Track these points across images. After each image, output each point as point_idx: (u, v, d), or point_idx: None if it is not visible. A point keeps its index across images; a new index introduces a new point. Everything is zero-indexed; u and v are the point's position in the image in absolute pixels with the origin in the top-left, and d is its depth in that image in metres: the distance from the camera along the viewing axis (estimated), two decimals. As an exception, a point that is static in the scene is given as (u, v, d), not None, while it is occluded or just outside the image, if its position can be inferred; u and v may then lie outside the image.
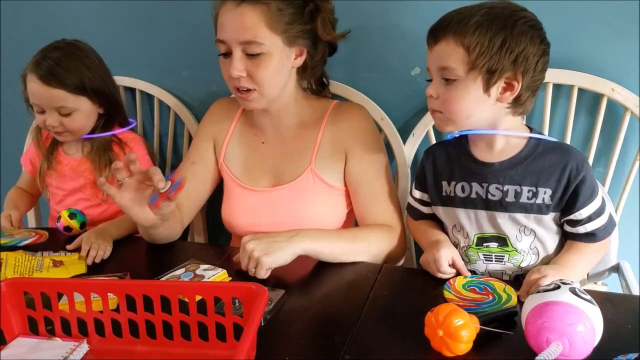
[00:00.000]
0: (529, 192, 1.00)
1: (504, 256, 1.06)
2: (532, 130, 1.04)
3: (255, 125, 1.26)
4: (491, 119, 0.99)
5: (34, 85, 1.29)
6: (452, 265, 1.03)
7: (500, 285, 0.96)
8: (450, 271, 1.02)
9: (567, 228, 1.02)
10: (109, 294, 0.83)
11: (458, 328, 0.76)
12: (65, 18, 1.63)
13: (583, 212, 0.99)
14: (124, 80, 1.60)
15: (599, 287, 1.25)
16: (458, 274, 1.02)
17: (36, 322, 0.84)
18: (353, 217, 1.27)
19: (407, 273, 1.14)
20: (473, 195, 1.04)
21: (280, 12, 1.09)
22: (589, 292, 0.77)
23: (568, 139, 1.28)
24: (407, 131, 1.39)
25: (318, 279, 1.06)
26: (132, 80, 1.61)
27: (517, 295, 0.93)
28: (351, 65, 1.41)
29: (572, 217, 1.00)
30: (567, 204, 0.99)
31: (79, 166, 1.40)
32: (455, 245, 1.09)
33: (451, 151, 1.09)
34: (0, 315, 0.82)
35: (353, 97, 1.39)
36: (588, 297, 0.75)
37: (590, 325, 0.72)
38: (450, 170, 1.08)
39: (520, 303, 0.89)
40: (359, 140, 1.20)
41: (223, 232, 1.36)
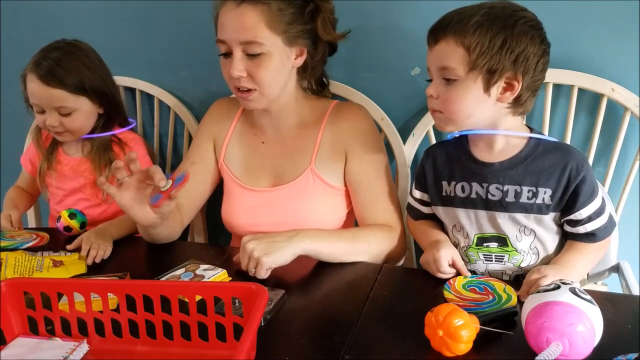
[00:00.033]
0: (529, 192, 1.00)
1: (504, 256, 1.06)
2: (532, 130, 1.04)
3: (255, 125, 1.26)
4: (491, 119, 0.99)
5: (34, 85, 1.29)
6: (452, 265, 1.03)
7: (500, 285, 0.96)
8: (450, 271, 1.02)
9: (567, 228, 1.02)
10: (109, 294, 0.83)
11: (458, 328, 0.76)
12: (65, 18, 1.63)
13: (583, 212, 0.99)
14: (124, 80, 1.60)
15: (599, 287, 1.25)
16: (458, 274, 1.02)
17: (36, 322, 0.84)
18: (353, 217, 1.27)
19: (407, 273, 1.14)
20: (473, 195, 1.04)
21: (281, 12, 1.09)
22: (589, 292, 0.77)
23: (568, 139, 1.28)
24: (407, 131, 1.39)
25: (318, 279, 1.06)
26: (132, 80, 1.61)
27: (517, 295, 0.93)
28: (351, 65, 1.41)
29: (572, 217, 1.00)
30: (567, 204, 0.99)
31: (79, 166, 1.40)
32: (455, 245, 1.09)
33: (451, 151, 1.09)
34: (0, 315, 0.82)
35: (353, 97, 1.39)
36: (588, 297, 0.75)
37: (590, 325, 0.72)
38: (450, 170, 1.08)
39: (520, 303, 0.89)
40: (359, 140, 1.20)
41: (223, 232, 1.36)
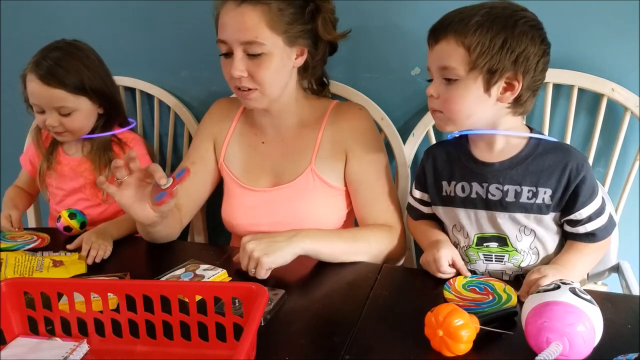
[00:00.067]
0: (529, 192, 1.00)
1: (504, 256, 1.06)
2: (532, 130, 1.04)
3: (256, 125, 1.26)
4: (491, 119, 0.99)
5: (34, 85, 1.28)
6: (452, 265, 1.03)
7: (500, 285, 0.96)
8: (450, 271, 1.02)
9: (567, 228, 1.02)
10: (109, 294, 0.83)
11: (458, 328, 0.76)
12: (65, 18, 1.63)
13: (583, 212, 0.99)
14: (124, 80, 1.60)
15: (599, 287, 1.25)
16: (458, 274, 1.02)
17: (36, 322, 0.84)
18: (353, 217, 1.27)
19: (407, 273, 1.14)
20: (473, 195, 1.04)
21: (281, 12, 1.09)
22: (589, 292, 0.77)
23: (568, 139, 1.28)
24: (407, 131, 1.39)
25: (318, 279, 1.06)
26: (132, 80, 1.61)
27: (517, 295, 0.93)
28: (351, 65, 1.40)
29: (572, 217, 1.00)
30: (567, 204, 0.99)
31: (79, 166, 1.40)
32: (456, 245, 1.09)
33: (451, 151, 1.09)
34: (0, 315, 0.82)
35: (353, 97, 1.39)
36: (588, 297, 0.75)
37: (590, 325, 0.72)
38: (450, 170, 1.08)
39: (520, 303, 0.89)
40: (359, 140, 1.20)
41: (223, 232, 1.36)
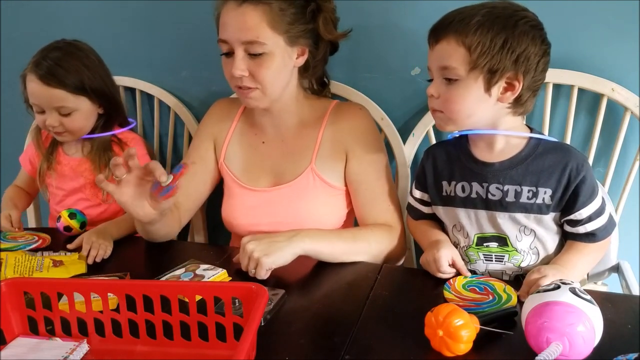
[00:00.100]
0: (529, 192, 1.00)
1: (504, 256, 1.06)
2: (532, 130, 1.04)
3: (256, 124, 1.26)
4: (492, 119, 0.99)
5: (34, 85, 1.28)
6: (452, 265, 1.03)
7: (500, 285, 0.96)
8: (450, 271, 1.02)
9: (567, 228, 1.02)
10: (109, 294, 0.83)
11: (458, 328, 0.76)
12: (65, 18, 1.63)
13: (583, 212, 0.99)
14: (124, 80, 1.60)
15: (599, 287, 1.25)
16: (458, 274, 1.02)
17: (36, 322, 0.84)
18: (353, 217, 1.27)
19: (407, 273, 1.14)
20: (473, 195, 1.04)
21: (282, 12, 1.09)
22: (589, 292, 0.77)
23: (568, 139, 1.28)
24: (407, 131, 1.39)
25: (318, 279, 1.06)
26: (132, 80, 1.61)
27: (517, 295, 0.93)
28: (351, 65, 1.40)
29: (572, 217, 1.00)
30: (567, 204, 0.99)
31: (79, 166, 1.40)
32: (456, 245, 1.09)
33: (451, 151, 1.09)
34: (0, 315, 0.82)
35: (353, 97, 1.39)
36: (588, 297, 0.75)
37: (590, 325, 0.72)
38: (450, 170, 1.08)
39: (520, 303, 0.89)
40: (359, 139, 1.20)
41: (223, 232, 1.36)
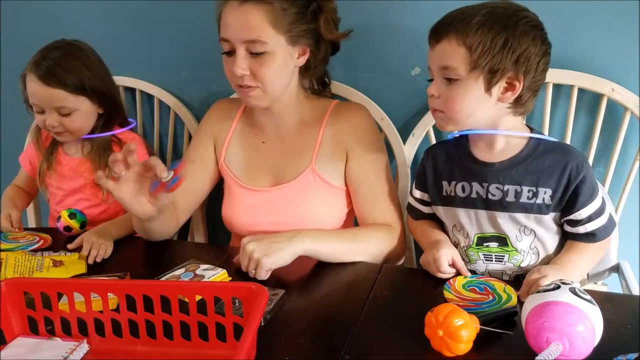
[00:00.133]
0: (529, 192, 1.00)
1: (504, 256, 1.06)
2: (532, 130, 1.04)
3: (256, 124, 1.26)
4: (492, 119, 0.99)
5: (34, 85, 1.28)
6: (452, 265, 1.03)
7: (500, 285, 0.96)
8: (450, 271, 1.02)
9: (567, 228, 1.02)
10: (109, 294, 0.83)
11: (458, 328, 0.76)
12: (65, 18, 1.63)
13: (583, 212, 0.99)
14: (124, 80, 1.60)
15: (599, 287, 1.25)
16: (458, 274, 1.02)
17: (36, 322, 0.84)
18: (353, 217, 1.27)
19: (407, 273, 1.14)
20: (473, 195, 1.04)
21: (284, 12, 1.09)
22: (589, 292, 0.77)
23: (568, 139, 1.28)
24: (407, 131, 1.39)
25: (318, 279, 1.06)
26: (132, 80, 1.61)
27: (517, 295, 0.93)
28: (351, 65, 1.40)
29: (572, 217, 1.00)
30: (567, 204, 0.99)
31: (79, 166, 1.40)
32: (456, 245, 1.08)
33: (451, 151, 1.09)
34: (0, 315, 0.82)
35: (353, 97, 1.39)
36: (588, 297, 0.75)
37: (590, 325, 0.72)
38: (450, 170, 1.08)
39: (520, 303, 0.89)
40: (360, 139, 1.20)
41: (223, 232, 1.36)
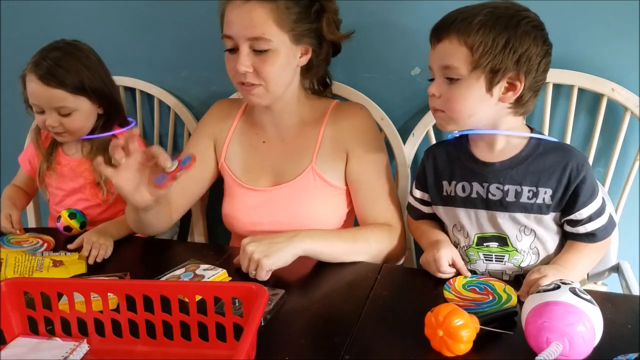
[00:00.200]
0: (529, 192, 1.00)
1: (504, 256, 1.06)
2: (532, 130, 1.04)
3: (256, 124, 1.26)
4: (492, 119, 0.99)
5: (34, 86, 1.28)
6: (452, 265, 1.03)
7: (500, 285, 0.96)
8: (450, 271, 1.02)
9: (567, 228, 1.02)
10: (109, 294, 0.83)
11: (458, 328, 0.76)
12: (65, 18, 1.63)
13: (583, 212, 0.99)
14: (124, 80, 1.60)
15: (599, 287, 1.25)
16: (458, 274, 1.02)
17: (36, 322, 0.84)
18: (353, 216, 1.27)
19: (407, 273, 1.14)
20: (473, 195, 1.04)
21: (288, 10, 1.09)
22: (589, 292, 0.77)
23: (568, 139, 1.28)
24: (407, 131, 1.39)
25: (318, 279, 1.06)
26: (132, 80, 1.61)
27: (517, 295, 0.93)
28: (351, 65, 1.40)
29: (572, 217, 1.00)
30: (568, 204, 0.99)
31: (79, 166, 1.40)
32: (456, 245, 1.09)
33: (452, 151, 1.09)
34: (0, 315, 0.82)
35: (353, 97, 1.39)
36: (588, 297, 0.75)
37: (590, 325, 0.72)
38: (450, 170, 1.08)
39: (520, 303, 0.89)
40: (360, 139, 1.20)
41: (223, 232, 1.36)
